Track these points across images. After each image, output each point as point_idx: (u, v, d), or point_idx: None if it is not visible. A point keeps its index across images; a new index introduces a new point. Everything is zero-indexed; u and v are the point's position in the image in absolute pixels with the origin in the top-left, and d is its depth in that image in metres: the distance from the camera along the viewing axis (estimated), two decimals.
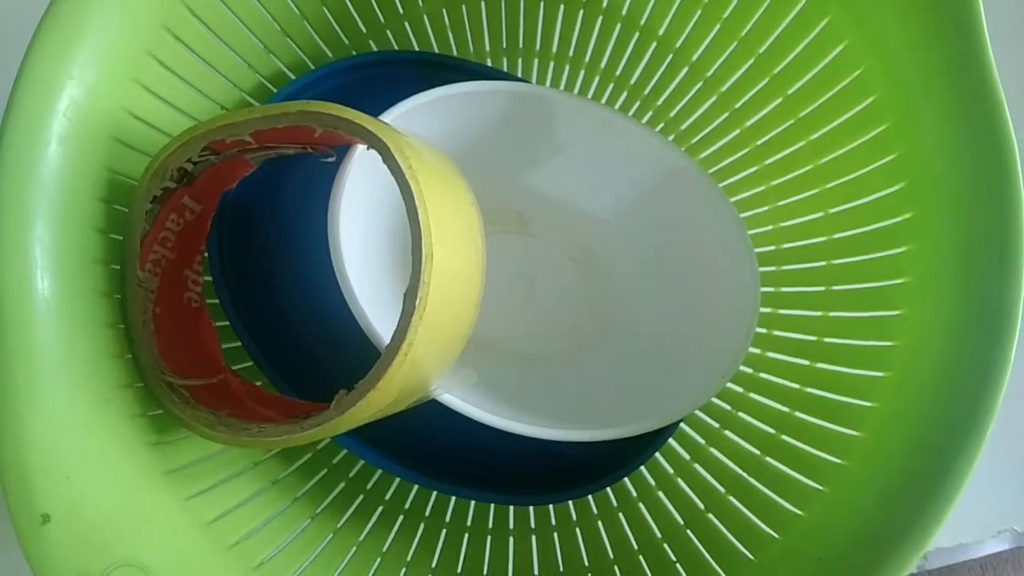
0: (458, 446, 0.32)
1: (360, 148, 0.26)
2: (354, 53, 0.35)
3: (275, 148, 0.26)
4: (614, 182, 0.33)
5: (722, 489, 0.32)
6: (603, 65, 0.37)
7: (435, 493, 0.34)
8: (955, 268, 0.26)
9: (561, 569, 0.32)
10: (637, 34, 0.36)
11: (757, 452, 0.32)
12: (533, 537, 0.33)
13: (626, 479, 0.33)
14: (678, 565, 0.31)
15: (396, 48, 0.35)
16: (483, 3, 0.37)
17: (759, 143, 0.34)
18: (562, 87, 0.37)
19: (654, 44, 0.36)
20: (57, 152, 0.24)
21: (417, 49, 0.36)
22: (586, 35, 0.37)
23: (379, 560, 0.32)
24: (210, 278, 0.30)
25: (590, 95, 0.37)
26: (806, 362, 0.32)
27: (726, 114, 0.35)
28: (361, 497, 0.33)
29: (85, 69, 0.24)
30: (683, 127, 0.36)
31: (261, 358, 0.30)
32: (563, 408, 0.30)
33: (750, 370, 0.33)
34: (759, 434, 0.32)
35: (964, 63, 0.26)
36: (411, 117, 0.29)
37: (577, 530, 0.33)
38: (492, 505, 0.34)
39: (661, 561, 0.31)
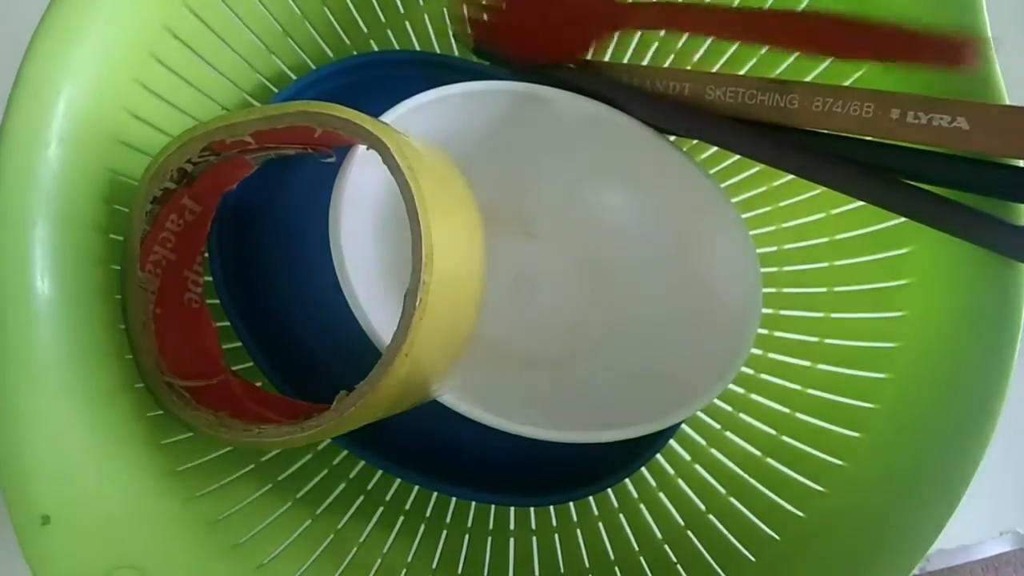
0: (458, 447, 0.32)
1: (361, 148, 0.26)
2: (355, 53, 0.35)
3: (275, 148, 0.26)
4: (615, 182, 0.33)
5: (723, 490, 0.32)
6: None
7: (435, 494, 0.34)
8: (957, 269, 0.26)
9: (562, 570, 0.32)
10: (639, 34, 0.36)
11: (758, 453, 0.32)
12: (534, 538, 0.33)
13: (627, 480, 0.33)
14: (679, 566, 0.31)
15: (397, 48, 0.35)
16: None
17: None
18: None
19: (655, 44, 0.36)
20: (57, 152, 0.24)
21: (419, 49, 0.36)
22: None
23: (379, 561, 0.31)
24: (210, 279, 0.30)
25: None
26: (808, 363, 0.31)
27: None
28: (361, 498, 0.33)
29: (85, 69, 0.24)
30: None
31: (262, 359, 0.30)
32: (564, 409, 0.30)
33: (751, 371, 0.33)
34: (760, 435, 0.32)
35: None
36: (412, 117, 0.29)
37: (578, 531, 0.33)
38: (493, 506, 0.34)
39: (662, 562, 0.31)
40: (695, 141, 0.34)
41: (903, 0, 0.27)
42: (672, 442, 0.33)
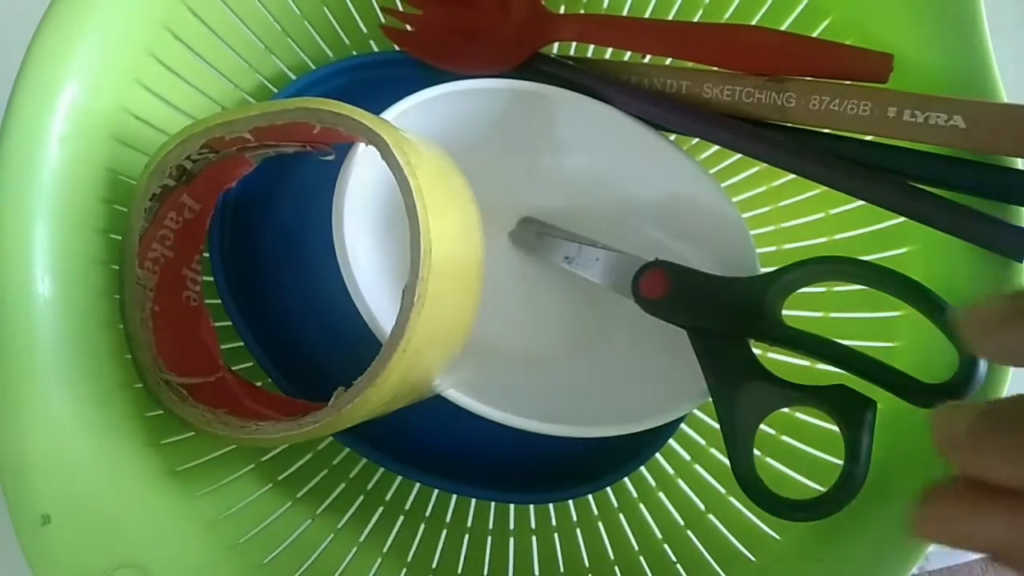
0: (459, 444, 0.32)
1: (363, 145, 0.26)
2: (355, 53, 0.35)
3: (274, 146, 0.26)
4: (614, 180, 0.33)
5: (722, 490, 0.32)
6: None
7: (435, 494, 0.34)
8: (956, 269, 0.26)
9: (562, 570, 0.32)
10: None
11: (758, 453, 0.32)
12: (534, 538, 0.33)
13: (626, 480, 0.33)
14: (678, 566, 0.31)
15: (397, 48, 0.35)
16: None
17: None
18: None
19: None
20: (57, 152, 0.24)
21: None
22: None
23: (379, 561, 0.31)
24: (211, 278, 0.30)
25: None
26: (807, 363, 0.31)
27: None
28: (361, 498, 0.33)
29: (85, 69, 0.25)
30: None
31: (264, 357, 0.30)
32: (563, 407, 0.30)
33: None
34: (760, 435, 0.32)
35: (967, 66, 0.26)
36: (411, 115, 0.29)
37: (578, 530, 0.33)
38: (492, 506, 0.34)
39: (662, 562, 0.31)
40: (695, 140, 0.34)
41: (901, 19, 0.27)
42: (671, 442, 0.33)
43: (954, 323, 0.24)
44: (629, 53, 0.35)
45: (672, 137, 0.32)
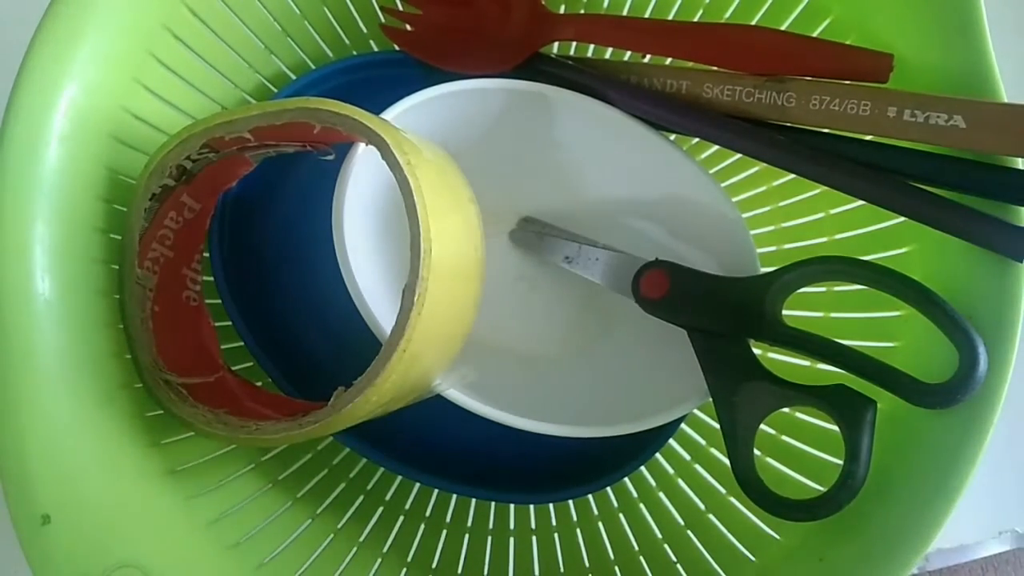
0: (459, 444, 0.32)
1: (362, 145, 0.26)
2: (355, 53, 0.35)
3: (275, 146, 0.26)
4: (614, 180, 0.33)
5: (723, 490, 0.32)
6: None
7: (435, 494, 0.34)
8: (956, 269, 0.26)
9: (562, 570, 0.32)
10: None
11: (758, 453, 0.32)
12: (534, 538, 0.33)
13: (626, 479, 0.33)
14: (679, 566, 0.31)
15: (397, 48, 0.35)
16: None
17: None
18: None
19: None
20: (57, 152, 0.24)
21: None
22: None
23: (379, 561, 0.31)
24: (211, 278, 0.30)
25: None
26: (807, 363, 0.31)
27: None
28: (361, 498, 0.33)
29: (85, 69, 0.25)
30: None
31: (263, 357, 0.30)
32: (563, 407, 0.30)
33: None
34: (760, 435, 0.32)
35: (967, 65, 0.26)
36: (411, 115, 0.29)
37: (578, 530, 0.33)
38: (492, 505, 0.34)
39: (662, 562, 0.31)
40: (695, 140, 0.34)
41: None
42: (672, 441, 0.33)
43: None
44: (629, 53, 0.35)
45: (672, 137, 0.32)
